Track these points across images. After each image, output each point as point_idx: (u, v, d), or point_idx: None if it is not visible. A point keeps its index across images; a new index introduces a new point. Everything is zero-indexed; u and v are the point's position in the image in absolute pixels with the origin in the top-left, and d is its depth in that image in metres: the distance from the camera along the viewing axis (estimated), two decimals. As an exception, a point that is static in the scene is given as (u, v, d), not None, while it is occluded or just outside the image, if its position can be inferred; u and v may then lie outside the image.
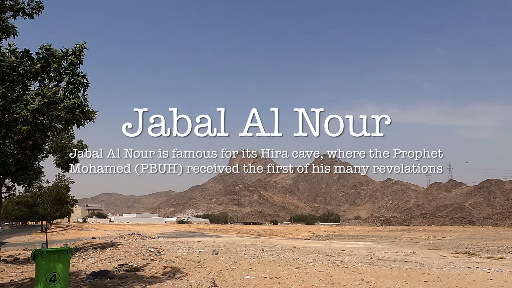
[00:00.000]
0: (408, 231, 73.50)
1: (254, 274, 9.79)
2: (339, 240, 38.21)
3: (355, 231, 74.03)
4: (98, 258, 14.10)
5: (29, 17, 8.47)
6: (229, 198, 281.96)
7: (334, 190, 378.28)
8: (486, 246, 27.53)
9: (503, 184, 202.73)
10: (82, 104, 6.74)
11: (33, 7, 8.42)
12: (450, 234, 58.17)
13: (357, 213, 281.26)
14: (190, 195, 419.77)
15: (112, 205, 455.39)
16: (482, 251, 22.18)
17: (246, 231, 62.03)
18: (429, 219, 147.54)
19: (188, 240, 24.80)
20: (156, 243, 19.39)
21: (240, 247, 17.94)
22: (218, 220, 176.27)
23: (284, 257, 13.60)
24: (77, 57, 7.13)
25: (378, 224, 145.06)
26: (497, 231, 69.60)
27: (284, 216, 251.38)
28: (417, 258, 15.90)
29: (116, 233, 40.37)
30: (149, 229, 59.16)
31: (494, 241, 35.98)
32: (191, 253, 14.48)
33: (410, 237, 45.75)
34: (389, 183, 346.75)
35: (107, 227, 70.98)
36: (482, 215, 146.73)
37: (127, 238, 25.26)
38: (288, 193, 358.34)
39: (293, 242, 29.13)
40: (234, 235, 45.97)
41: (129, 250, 15.77)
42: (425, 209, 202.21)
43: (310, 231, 67.34)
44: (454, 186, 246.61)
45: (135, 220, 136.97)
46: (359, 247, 24.66)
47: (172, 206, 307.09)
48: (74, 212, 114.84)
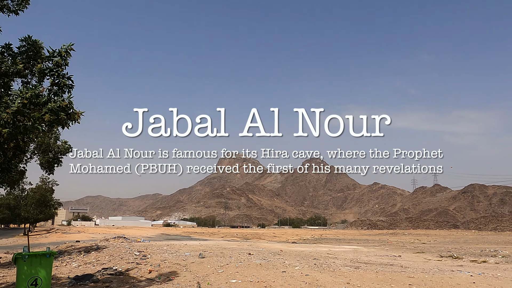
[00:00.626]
0: (394, 235, 74.28)
1: (241, 278, 9.75)
2: (325, 243, 38.37)
3: (341, 235, 74.45)
4: (82, 262, 13.87)
5: (14, 14, 8.27)
6: (217, 201, 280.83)
7: (321, 194, 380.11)
8: (469, 249, 27.98)
9: (486, 189, 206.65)
10: (67, 107, 6.63)
11: (18, 3, 8.22)
12: (435, 238, 58.97)
13: (344, 216, 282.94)
14: (177, 198, 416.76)
15: (98, 208, 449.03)
16: (466, 254, 22.54)
17: (233, 235, 61.83)
18: (414, 223, 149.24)
19: (175, 243, 24.59)
20: (141, 247, 19.17)
21: (226, 250, 17.86)
22: (205, 224, 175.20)
23: (271, 260, 13.58)
24: (63, 58, 7.02)
25: (364, 227, 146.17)
26: (480, 235, 70.83)
27: (272, 219, 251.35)
28: (402, 262, 16.06)
29: (101, 236, 39.80)
30: (135, 232, 58.48)
31: (477, 244, 36.60)
32: (177, 256, 14.35)
33: (395, 241, 46.21)
34: (375, 187, 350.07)
35: (92, 230, 69.91)
36: (466, 219, 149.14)
37: (112, 241, 24.93)
38: (276, 197, 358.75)
39: (280, 245, 29.13)
40: (221, 239, 45.77)
41: (114, 253, 15.56)
42: (411, 213, 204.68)
43: (297, 235, 67.48)
44: (439, 191, 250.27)
45: (121, 223, 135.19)
46: (345, 250, 24.80)
47: (159, 209, 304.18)
48: (58, 214, 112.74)
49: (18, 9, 8.25)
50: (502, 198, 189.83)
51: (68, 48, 7.11)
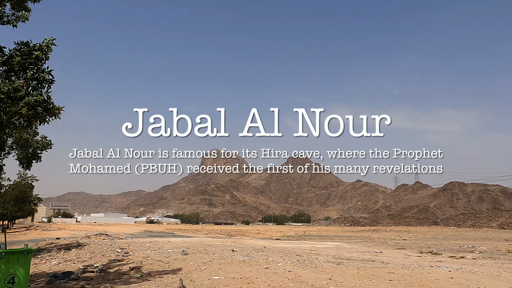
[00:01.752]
0: (376, 231, 75.42)
1: (224, 274, 9.75)
2: (309, 240, 38.69)
3: (325, 232, 75.19)
4: (62, 259, 13.63)
5: (12, 25, 8.13)
6: (201, 198, 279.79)
7: (305, 191, 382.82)
8: (448, 246, 28.65)
9: (465, 186, 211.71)
10: (45, 101, 6.48)
11: (17, 17, 8.09)
12: (416, 234, 60.15)
13: (327, 213, 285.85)
14: (160, 195, 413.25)
15: (79, 205, 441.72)
16: (445, 250, 23.07)
17: (217, 232, 61.74)
18: (396, 220, 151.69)
19: (158, 240, 24.40)
20: (124, 244, 18.95)
21: (210, 247, 17.83)
22: (189, 220, 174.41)
23: (254, 257, 13.62)
24: (44, 52, 6.86)
25: (347, 224, 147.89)
26: (459, 232, 72.55)
27: (256, 216, 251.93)
28: (383, 258, 16.33)
29: (82, 233, 39.17)
30: (118, 229, 57.75)
31: (456, 241, 37.50)
32: (160, 253, 14.25)
33: (377, 237, 46.94)
34: (358, 185, 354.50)
35: (73, 227, 68.72)
36: (445, 216, 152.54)
37: (94, 238, 24.57)
38: (260, 194, 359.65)
39: (264, 242, 29.24)
40: (205, 236, 45.64)
41: (95, 250, 15.35)
42: (393, 210, 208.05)
43: (281, 232, 67.82)
44: (420, 188, 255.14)
45: (103, 220, 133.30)
46: (328, 247, 25.06)
47: (142, 205, 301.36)
48: (38, 211, 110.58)
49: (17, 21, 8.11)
50: (480, 196, 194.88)
51: (49, 43, 6.95)
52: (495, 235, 52.22)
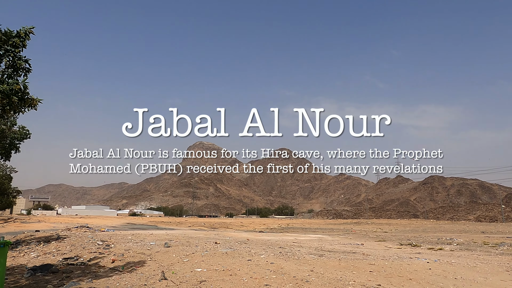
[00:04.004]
0: (358, 224, 76.64)
1: (206, 266, 9.75)
2: (292, 232, 39.03)
3: (308, 224, 76.00)
4: (42, 252, 13.39)
5: None
6: (185, 190, 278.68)
7: (289, 184, 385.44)
8: (427, 238, 29.34)
9: (445, 180, 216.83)
10: (21, 91, 6.29)
11: None
12: (396, 227, 61.39)
13: (310, 206, 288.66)
14: (144, 187, 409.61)
15: (60, 197, 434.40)
16: (424, 242, 23.63)
17: (201, 224, 61.67)
18: (377, 213, 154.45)
19: (140, 233, 24.21)
20: (105, 236, 18.73)
21: (193, 239, 17.79)
22: (172, 213, 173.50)
23: (237, 249, 13.66)
24: (21, 39, 6.65)
25: (330, 217, 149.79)
26: (438, 224, 74.40)
27: (240, 209, 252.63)
28: (364, 250, 16.61)
29: (63, 225, 38.53)
30: (99, 221, 57.06)
31: (435, 233, 38.45)
32: (142, 246, 14.14)
33: (359, 230, 47.71)
34: (341, 178, 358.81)
35: (53, 219, 67.46)
36: (425, 209, 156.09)
37: (75, 231, 24.20)
38: (244, 186, 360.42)
39: (247, 234, 29.36)
40: (188, 228, 45.54)
41: (76, 243, 15.12)
42: (374, 203, 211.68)
43: (264, 224, 68.21)
44: (401, 182, 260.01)
45: (84, 212, 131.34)
46: (310, 239, 25.34)
47: (125, 198, 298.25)
48: (17, 203, 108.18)
49: None
50: (459, 190, 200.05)
51: (28, 31, 6.76)
52: (472, 228, 53.76)
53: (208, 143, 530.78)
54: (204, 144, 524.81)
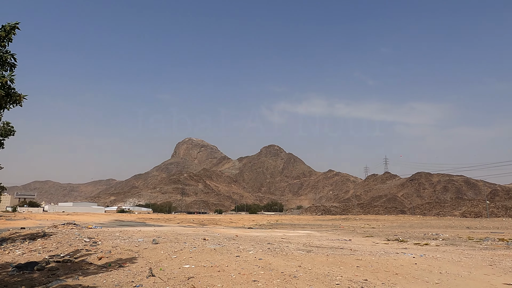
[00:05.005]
0: (346, 220, 77.33)
1: (194, 263, 9.73)
2: (281, 228, 39.18)
3: (297, 220, 76.37)
4: (27, 249, 13.20)
5: None
6: (173, 187, 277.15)
7: (278, 181, 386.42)
8: (414, 233, 29.76)
9: (431, 176, 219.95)
10: (8, 85, 6.16)
11: None
12: (384, 222, 62.08)
13: (299, 202, 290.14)
14: (132, 184, 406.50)
15: (46, 194, 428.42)
16: (410, 238, 23.95)
17: (190, 221, 61.50)
18: (365, 209, 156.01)
19: (128, 229, 24.04)
20: (92, 233, 18.55)
21: (181, 236, 17.73)
22: (161, 210, 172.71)
23: (226, 245, 13.66)
24: (6, 33, 6.53)
25: (319, 213, 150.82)
26: (425, 220, 75.50)
27: (229, 205, 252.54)
28: (352, 245, 16.76)
29: (49, 223, 38.06)
30: (87, 218, 56.49)
31: (422, 229, 39.01)
32: (129, 242, 14.05)
33: (347, 226, 48.15)
34: (330, 174, 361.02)
35: (40, 216, 66.57)
36: (412, 205, 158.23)
37: (61, 228, 23.93)
38: (233, 183, 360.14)
39: (236, 231, 29.38)
40: (177, 225, 45.38)
41: (62, 240, 14.95)
42: (362, 199, 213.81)
43: (253, 220, 68.34)
44: (389, 178, 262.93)
45: (71, 209, 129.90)
46: (299, 235, 25.47)
47: (113, 195, 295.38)
48: (2, 200, 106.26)
49: None
50: (445, 186, 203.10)
51: (14, 26, 6.65)
52: (458, 223, 54.72)
53: (197, 139, 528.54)
54: (193, 140, 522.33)
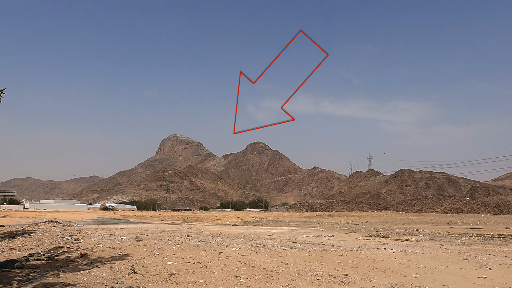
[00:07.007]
0: (330, 217, 78.16)
1: (177, 259, 9.75)
2: (265, 225, 39.39)
3: (281, 217, 76.82)
4: (6, 248, 12.98)
5: None
6: (158, 184, 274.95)
7: (263, 178, 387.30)
8: (396, 229, 30.33)
9: (414, 174, 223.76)
10: None
11: None
12: (367, 219, 63.00)
13: (284, 199, 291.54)
14: (116, 181, 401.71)
15: (27, 191, 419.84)
16: (392, 234, 24.42)
17: (174, 218, 61.19)
18: (349, 205, 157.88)
19: (111, 227, 23.82)
20: (74, 231, 18.32)
21: (165, 233, 17.68)
22: (145, 207, 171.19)
23: (209, 242, 13.70)
24: None
25: (303, 210, 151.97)
26: (407, 216, 76.87)
27: (214, 202, 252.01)
28: (334, 241, 17.01)
29: (30, 220, 37.35)
30: (69, 216, 55.61)
31: (403, 225, 39.76)
32: (112, 240, 13.95)
33: (331, 222, 48.68)
34: (315, 171, 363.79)
35: (20, 214, 65.15)
36: (395, 201, 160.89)
37: (42, 225, 23.52)
38: (219, 180, 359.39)
39: (221, 228, 29.42)
40: (161, 222, 45.13)
41: (43, 238, 14.73)
42: (347, 196, 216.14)
43: (238, 217, 68.46)
44: (372, 175, 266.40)
45: (53, 206, 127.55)
46: (283, 231, 25.67)
47: (96, 192, 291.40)
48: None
49: None
50: (427, 183, 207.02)
51: None
52: (439, 219, 55.94)
53: (183, 136, 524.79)
54: (178, 137, 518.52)
